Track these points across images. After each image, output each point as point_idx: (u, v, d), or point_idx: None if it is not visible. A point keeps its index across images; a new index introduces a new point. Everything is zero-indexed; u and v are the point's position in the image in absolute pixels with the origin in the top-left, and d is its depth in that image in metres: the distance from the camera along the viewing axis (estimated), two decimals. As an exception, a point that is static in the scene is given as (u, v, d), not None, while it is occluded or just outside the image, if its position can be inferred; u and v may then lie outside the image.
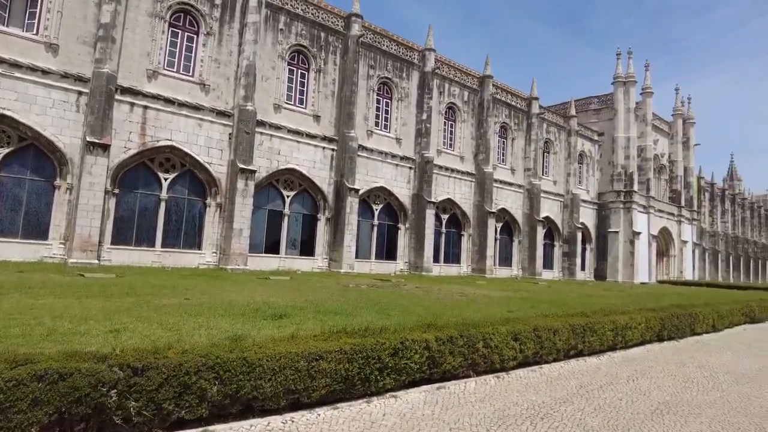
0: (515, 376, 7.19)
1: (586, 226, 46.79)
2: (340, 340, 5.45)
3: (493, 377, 6.99)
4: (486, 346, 6.82)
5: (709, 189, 67.65)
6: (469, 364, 6.70)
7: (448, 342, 6.36)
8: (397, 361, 5.72)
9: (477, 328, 6.87)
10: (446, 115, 35.78)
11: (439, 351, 6.23)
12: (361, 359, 5.36)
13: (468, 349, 6.61)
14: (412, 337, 5.96)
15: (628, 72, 49.00)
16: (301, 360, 4.95)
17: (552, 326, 7.85)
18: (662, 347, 10.33)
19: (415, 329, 6.41)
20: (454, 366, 6.46)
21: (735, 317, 14.64)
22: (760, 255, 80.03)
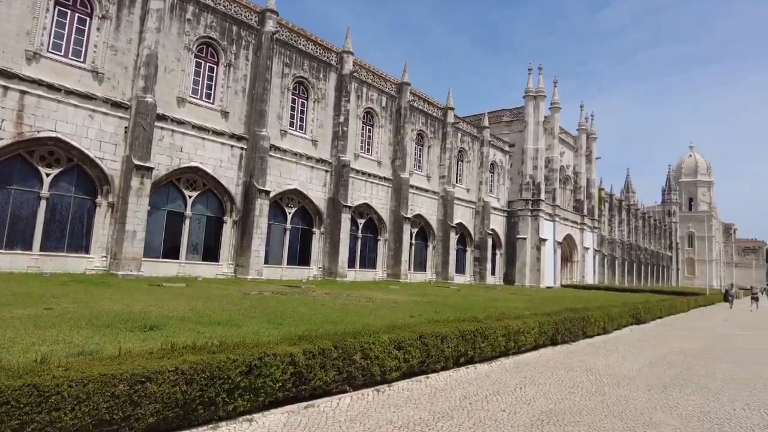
0: (397, 389, 6.63)
1: (496, 233, 48.35)
2: (179, 357, 4.54)
3: (373, 391, 6.37)
4: (365, 358, 6.18)
5: (608, 200, 72.78)
6: (344, 378, 6.02)
7: (320, 355, 5.64)
8: (253, 380, 4.90)
9: (355, 338, 6.21)
10: (364, 120, 35.38)
11: (308, 365, 5.49)
12: (203, 380, 4.49)
13: (343, 362, 5.93)
14: (275, 352, 5.17)
15: (538, 87, 51.46)
16: (121, 383, 4.01)
17: (440, 333, 7.38)
18: (555, 351, 10.31)
19: (282, 342, 5.62)
20: (327, 381, 5.75)
21: (624, 319, 15.26)
22: (650, 260, 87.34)
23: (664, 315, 20.41)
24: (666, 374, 8.66)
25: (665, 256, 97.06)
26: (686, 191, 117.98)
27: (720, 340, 14.27)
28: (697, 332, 16.02)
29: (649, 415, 6.32)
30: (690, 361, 10.15)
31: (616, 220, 74.63)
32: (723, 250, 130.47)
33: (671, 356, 10.73)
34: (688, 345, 12.75)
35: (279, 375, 5.14)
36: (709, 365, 9.81)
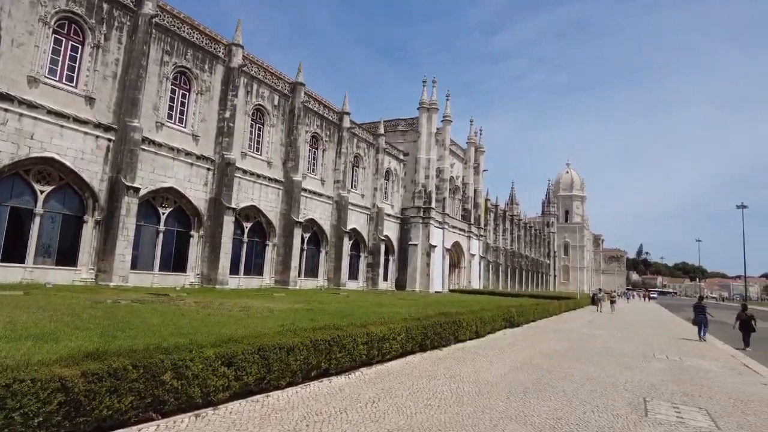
0: (224, 413, 5.54)
1: (389, 239, 48.62)
2: None
3: (191, 416, 5.23)
4: (179, 377, 5.03)
5: (494, 210, 76.90)
6: (149, 404, 4.84)
7: (110, 377, 4.42)
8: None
9: (168, 354, 5.06)
10: (254, 117, 33.56)
11: (89, 392, 4.24)
12: None
13: (147, 384, 4.74)
14: (35, 376, 3.89)
15: (431, 99, 52.86)
16: None
17: (285, 344, 6.40)
18: (423, 358, 9.84)
19: (57, 362, 4.32)
20: (121, 409, 4.54)
21: (497, 323, 15.47)
22: (530, 267, 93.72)
23: (537, 318, 21.31)
24: (528, 378, 8.51)
25: (544, 263, 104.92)
26: (563, 204, 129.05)
27: (582, 341, 14.93)
28: (564, 334, 16.74)
29: (502, 427, 5.88)
30: (552, 364, 10.23)
31: (501, 229, 79.08)
32: (593, 258, 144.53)
33: (537, 359, 10.79)
34: (554, 347, 13.08)
35: (36, 407, 3.85)
36: (568, 367, 9.93)
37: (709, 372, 10.32)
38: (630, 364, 10.82)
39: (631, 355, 12.24)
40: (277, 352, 6.23)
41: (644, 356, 12.30)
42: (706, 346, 16.05)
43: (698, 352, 14.09)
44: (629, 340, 16.09)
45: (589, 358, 11.41)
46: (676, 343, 16.03)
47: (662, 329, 22.40)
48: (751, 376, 10.37)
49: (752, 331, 18.01)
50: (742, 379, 9.80)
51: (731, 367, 11.28)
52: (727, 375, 10.12)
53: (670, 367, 10.78)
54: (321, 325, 8.08)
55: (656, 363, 11.22)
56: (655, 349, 13.84)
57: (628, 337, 17.12)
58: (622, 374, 9.46)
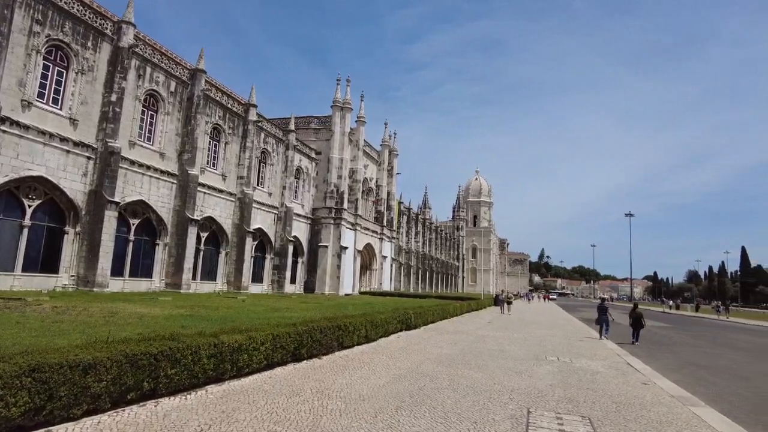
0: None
1: (299, 240, 46.98)
2: None
3: None
4: None
5: (407, 213, 77.66)
6: None
7: None
8: None
9: None
10: (146, 103, 30.60)
11: None
12: None
13: None
14: None
15: (345, 98, 51.96)
16: None
17: (81, 361, 4.79)
18: (295, 369, 8.64)
19: None
20: None
21: (392, 326, 14.77)
22: (441, 269, 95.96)
23: (437, 320, 21.04)
24: (408, 389, 7.64)
25: (453, 265, 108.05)
26: (472, 209, 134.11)
27: (478, 343, 14.65)
28: (460, 336, 16.44)
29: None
30: (440, 370, 9.54)
31: (413, 231, 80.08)
32: (498, 261, 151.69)
33: (425, 365, 10.11)
34: (446, 351, 12.55)
35: None
36: (456, 373, 9.26)
37: (596, 374, 10.27)
38: (520, 368, 10.50)
39: (523, 358, 12.02)
40: (65, 372, 4.75)
41: (536, 359, 12.14)
42: (597, 345, 16.53)
43: (588, 352, 14.34)
44: (524, 341, 16.13)
45: (480, 362, 10.97)
46: (568, 344, 16.33)
47: (557, 329, 23.11)
48: (633, 375, 10.48)
49: (642, 327, 19.66)
50: (625, 379, 9.82)
51: (616, 367, 11.41)
52: (612, 376, 10.11)
53: (560, 369, 10.62)
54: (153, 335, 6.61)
55: (547, 366, 11.04)
56: (547, 351, 13.86)
57: (523, 338, 17.22)
58: (511, 380, 9.01)
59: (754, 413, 8.11)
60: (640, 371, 11.03)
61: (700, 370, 12.92)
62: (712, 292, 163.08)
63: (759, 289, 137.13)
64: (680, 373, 12.02)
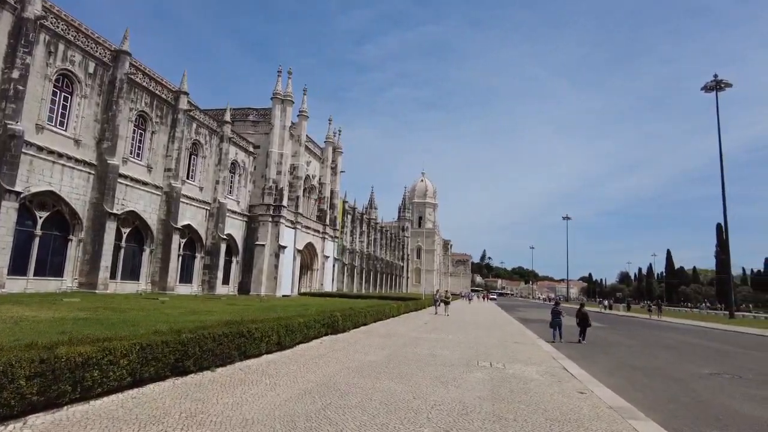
0: None
1: (233, 238, 44.53)
2: None
3: None
4: None
5: (351, 212, 76.29)
6: None
7: None
8: None
9: None
10: (59, 84, 27.59)
11: None
12: None
13: None
14: None
15: (286, 91, 49.90)
16: None
17: None
18: (173, 386, 6.94)
19: None
20: None
21: (313, 330, 13.34)
22: (385, 270, 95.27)
23: (370, 322, 19.81)
24: (307, 410, 6.17)
25: (398, 265, 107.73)
26: (417, 210, 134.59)
27: (408, 347, 13.54)
28: (392, 339, 15.29)
29: None
30: (356, 383, 8.19)
31: (358, 231, 78.83)
32: (442, 261, 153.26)
33: (340, 376, 8.79)
34: (371, 357, 11.30)
35: None
36: (374, 385, 7.96)
37: (530, 382, 9.40)
38: (449, 376, 9.42)
39: (454, 364, 10.99)
40: None
41: (467, 364, 11.16)
42: (532, 347, 15.90)
43: (524, 355, 13.61)
44: (458, 344, 15.21)
45: (406, 370, 9.80)
46: (504, 346, 15.61)
47: (495, 330, 22.54)
48: (569, 382, 9.70)
49: (588, 326, 20.14)
50: (561, 387, 9.00)
51: (552, 373, 10.62)
52: (547, 384, 9.25)
53: (491, 377, 9.67)
54: None
55: (478, 373, 10.06)
56: (481, 355, 12.97)
57: (457, 341, 16.32)
58: (435, 392, 7.86)
59: (695, 425, 7.44)
60: (577, 377, 10.29)
61: (635, 372, 12.43)
62: (641, 292, 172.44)
63: (681, 289, 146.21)
64: (617, 377, 11.44)
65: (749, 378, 12.19)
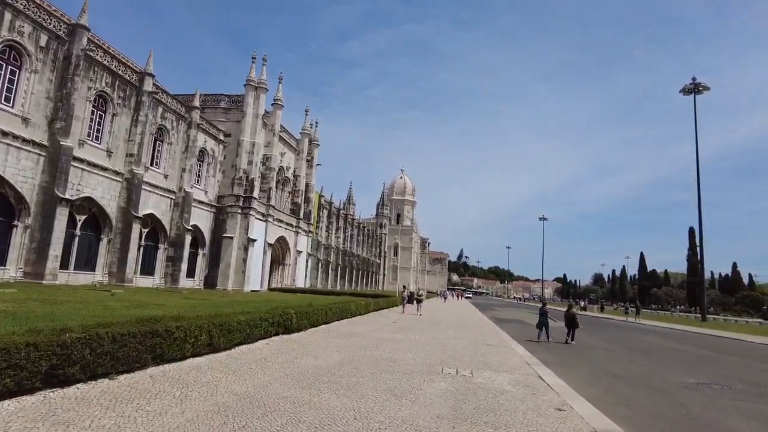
0: None
1: (200, 230, 42.48)
2: None
3: None
4: None
5: (328, 207, 74.59)
6: None
7: None
8: None
9: None
10: (4, 55, 25.32)
11: None
12: None
13: None
14: None
15: (260, 78, 47.92)
16: None
17: None
18: (41, 401, 5.50)
19: None
20: None
21: (259, 329, 11.65)
22: (362, 266, 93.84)
23: (333, 320, 18.31)
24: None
25: (375, 262, 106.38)
26: (396, 207, 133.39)
27: (368, 350, 12.16)
28: (352, 340, 13.88)
29: None
30: (289, 396, 6.57)
31: (334, 227, 77.15)
32: (419, 259, 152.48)
33: (274, 387, 7.22)
34: (320, 362, 9.87)
35: None
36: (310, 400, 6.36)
37: (500, 395, 8.11)
38: (405, 387, 8.03)
39: (415, 371, 9.65)
40: None
41: (430, 371, 9.83)
42: (506, 351, 14.71)
43: (495, 360, 12.38)
44: (424, 346, 13.89)
45: (356, 379, 8.36)
46: (474, 349, 14.38)
47: (467, 330, 21.36)
48: (545, 394, 8.47)
49: (576, 327, 20.28)
50: (535, 402, 7.76)
51: (526, 383, 9.39)
52: (519, 398, 7.99)
53: (456, 388, 8.35)
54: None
55: (440, 382, 8.72)
56: (448, 359, 11.66)
57: (425, 342, 15.02)
58: (383, 410, 6.42)
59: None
60: (554, 388, 9.06)
61: (617, 382, 11.28)
62: (615, 294, 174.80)
63: (653, 291, 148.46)
64: (597, 388, 10.27)
65: (738, 389, 11.15)
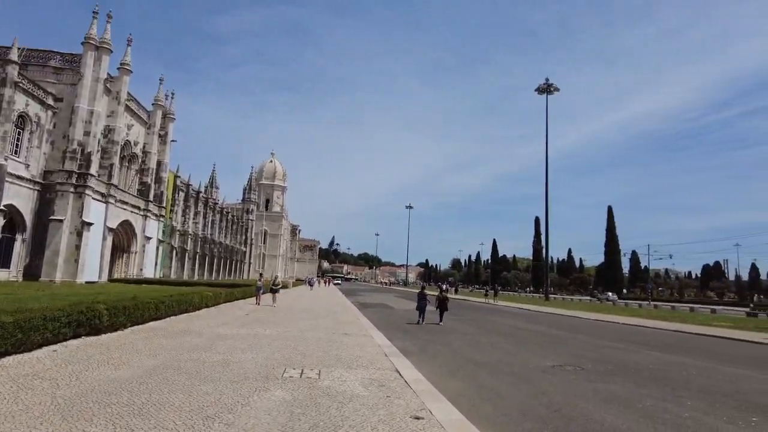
0: None
1: (18, 210, 35.18)
2: None
3: None
4: None
5: (185, 189, 68.01)
6: None
7: None
8: None
9: None
10: None
11: None
12: None
13: None
14: None
15: (104, 37, 40.97)
16: None
17: None
18: None
19: None
20: None
21: (42, 332, 8.58)
22: (225, 255, 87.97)
23: (166, 315, 15.47)
24: None
25: (240, 251, 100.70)
26: (264, 192, 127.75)
27: (196, 351, 9.68)
28: (182, 339, 11.27)
29: None
30: None
31: (193, 211, 70.70)
32: (289, 247, 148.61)
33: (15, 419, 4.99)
34: (122, 371, 7.25)
35: None
36: None
37: (348, 402, 6.58)
38: (227, 402, 5.98)
39: (248, 376, 7.64)
40: None
41: (268, 375, 7.95)
42: (364, 341, 13.44)
43: (351, 353, 10.92)
44: (271, 342, 11.93)
45: (161, 396, 5.97)
46: (330, 340, 12.85)
47: (326, 318, 19.82)
48: (401, 397, 7.14)
49: (446, 309, 21.52)
50: (389, 410, 6.37)
51: (381, 382, 8.03)
52: (371, 404, 6.55)
53: (294, 397, 6.64)
54: None
55: (277, 390, 6.90)
56: (295, 357, 9.89)
57: (274, 336, 13.10)
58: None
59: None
60: (412, 385, 7.84)
61: (480, 370, 10.54)
62: (470, 277, 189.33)
63: (503, 274, 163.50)
64: (460, 379, 9.34)
65: (589, 369, 11.11)
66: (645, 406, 7.71)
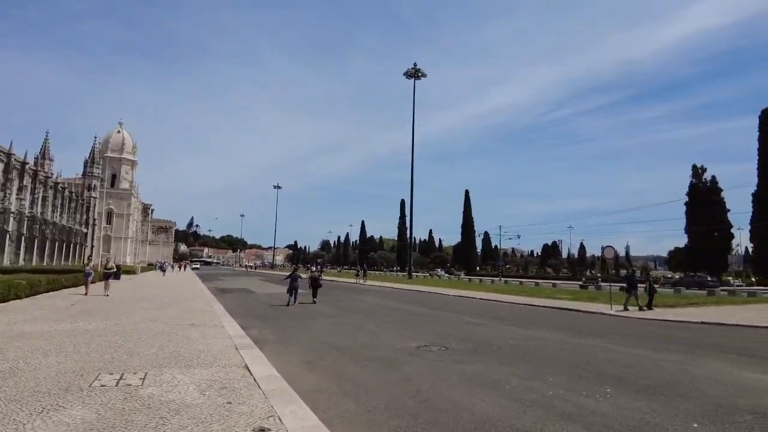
0: None
1: None
2: None
3: None
4: None
5: (5, 159, 57.21)
6: None
7: None
8: None
9: None
10: None
11: None
12: None
13: None
14: None
15: None
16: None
17: None
18: None
19: None
20: None
21: None
22: (60, 237, 76.39)
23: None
24: None
25: (80, 232, 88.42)
26: (110, 167, 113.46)
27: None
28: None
29: None
30: None
31: (15, 186, 59.84)
32: (140, 228, 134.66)
33: None
34: None
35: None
36: None
37: (175, 414, 4.92)
38: None
39: (38, 389, 5.61)
40: None
41: (71, 385, 6.04)
42: (214, 332, 11.72)
43: (193, 348, 9.15)
44: (91, 340, 9.60)
45: None
46: (171, 333, 10.86)
47: (172, 308, 17.36)
48: (247, 401, 5.71)
49: (319, 287, 22.98)
50: (229, 421, 4.86)
51: (223, 384, 6.55)
52: (205, 417, 4.94)
53: (99, 416, 4.82)
54: None
55: (76, 409, 5.07)
56: (120, 356, 7.84)
57: (99, 331, 10.74)
58: None
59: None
60: (261, 385, 6.53)
61: (342, 357, 9.57)
62: (339, 258, 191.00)
63: (370, 255, 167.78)
64: (320, 371, 8.24)
65: (454, 348, 10.84)
66: (512, 387, 7.41)
